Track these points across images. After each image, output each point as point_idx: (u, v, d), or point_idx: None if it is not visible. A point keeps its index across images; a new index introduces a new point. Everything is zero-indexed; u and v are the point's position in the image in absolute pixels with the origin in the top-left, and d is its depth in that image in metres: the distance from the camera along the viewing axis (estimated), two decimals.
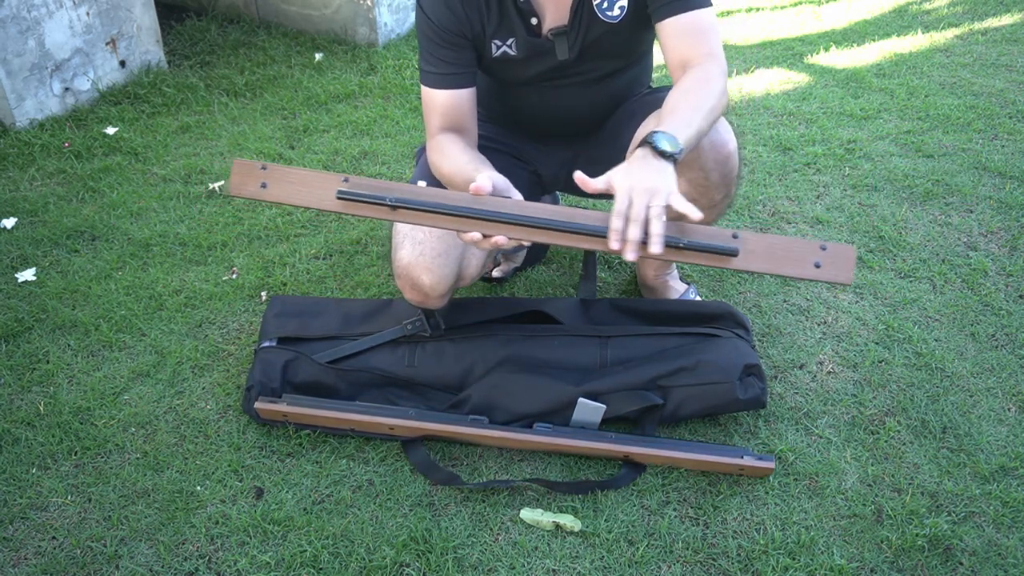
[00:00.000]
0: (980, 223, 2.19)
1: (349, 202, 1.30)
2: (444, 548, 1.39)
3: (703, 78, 1.38)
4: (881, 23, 3.53)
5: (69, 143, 2.62)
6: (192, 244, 2.16)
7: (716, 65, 1.40)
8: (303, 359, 1.64)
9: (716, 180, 1.53)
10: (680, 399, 1.57)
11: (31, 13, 2.61)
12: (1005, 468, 1.53)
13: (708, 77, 1.38)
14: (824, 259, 1.29)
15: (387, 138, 2.67)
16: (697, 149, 1.48)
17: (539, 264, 2.09)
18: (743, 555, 1.38)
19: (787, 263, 1.29)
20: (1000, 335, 1.83)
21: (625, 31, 1.52)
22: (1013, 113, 2.72)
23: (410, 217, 1.31)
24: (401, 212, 1.30)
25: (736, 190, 1.61)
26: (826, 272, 1.29)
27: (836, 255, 1.29)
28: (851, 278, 1.29)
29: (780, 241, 1.30)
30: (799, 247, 1.29)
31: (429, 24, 1.49)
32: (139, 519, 1.45)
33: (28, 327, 1.89)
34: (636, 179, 1.22)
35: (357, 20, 3.31)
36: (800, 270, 1.29)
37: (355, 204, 1.30)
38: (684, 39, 1.42)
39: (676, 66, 1.44)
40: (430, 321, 1.65)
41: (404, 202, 1.28)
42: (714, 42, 1.42)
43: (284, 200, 1.31)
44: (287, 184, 1.32)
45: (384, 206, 1.29)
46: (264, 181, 1.31)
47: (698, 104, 1.34)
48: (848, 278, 1.29)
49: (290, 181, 1.32)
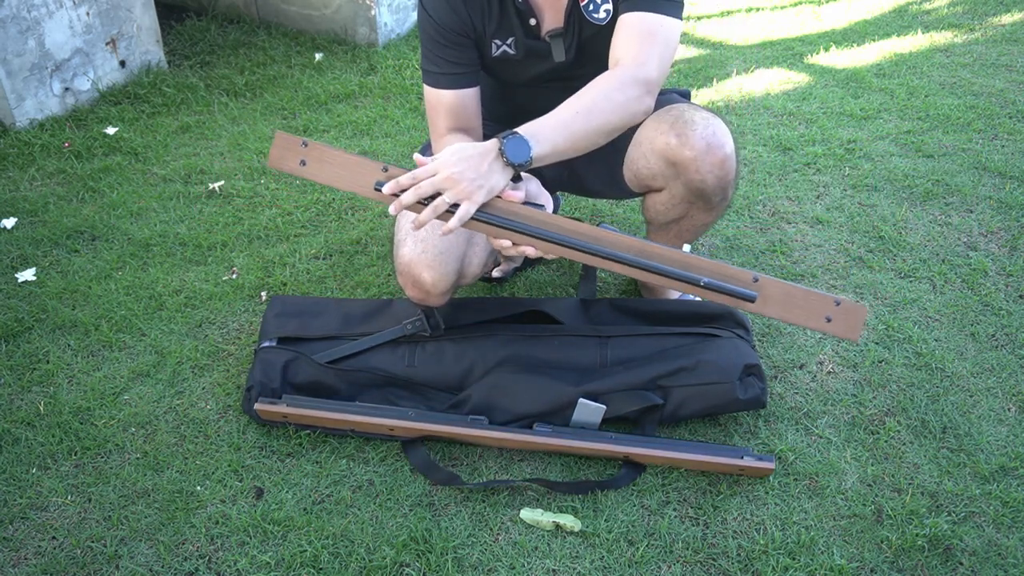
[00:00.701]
0: (980, 223, 2.19)
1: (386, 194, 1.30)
2: (444, 548, 1.39)
3: (608, 83, 1.32)
4: (881, 23, 3.54)
5: (69, 143, 2.62)
6: (192, 244, 2.16)
7: (637, 71, 1.33)
8: (303, 359, 1.64)
9: (712, 183, 1.52)
10: (680, 399, 1.57)
11: (31, 13, 2.61)
12: (1005, 468, 1.53)
13: (615, 82, 1.32)
14: (836, 315, 1.33)
15: (387, 138, 2.67)
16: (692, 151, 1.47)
17: (539, 264, 2.09)
18: (743, 555, 1.38)
19: (801, 314, 1.33)
20: (1000, 335, 1.83)
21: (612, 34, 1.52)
22: (1013, 113, 2.72)
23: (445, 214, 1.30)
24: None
25: (734, 192, 1.61)
26: (836, 327, 1.33)
27: (848, 312, 1.33)
28: (858, 337, 1.34)
29: (798, 292, 1.32)
30: (814, 300, 1.32)
31: (432, 24, 1.49)
32: (139, 519, 1.46)
33: (28, 327, 1.89)
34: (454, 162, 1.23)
35: (357, 20, 3.31)
36: (812, 322, 1.33)
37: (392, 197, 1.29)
38: (625, 37, 1.38)
39: (612, 62, 1.40)
40: (430, 321, 1.65)
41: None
42: (653, 49, 1.35)
43: (323, 181, 1.32)
44: (327, 165, 1.31)
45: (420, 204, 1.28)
46: (304, 159, 1.31)
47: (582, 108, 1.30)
48: (855, 336, 1.33)
49: (330, 162, 1.31)
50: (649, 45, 1.36)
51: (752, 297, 1.30)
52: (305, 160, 1.31)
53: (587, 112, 1.30)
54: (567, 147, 1.31)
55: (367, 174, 1.30)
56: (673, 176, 1.54)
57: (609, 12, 1.48)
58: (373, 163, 1.31)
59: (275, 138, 1.32)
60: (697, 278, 1.29)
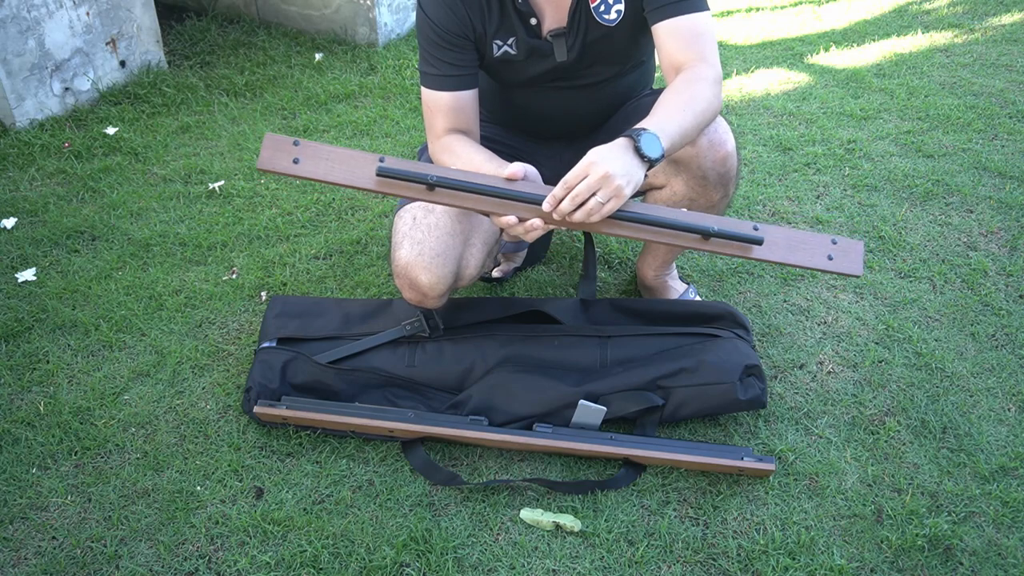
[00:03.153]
0: (980, 223, 2.19)
1: (388, 180, 1.27)
2: (444, 548, 1.39)
3: (693, 81, 1.38)
4: (881, 23, 3.53)
5: (69, 143, 2.62)
6: (192, 244, 2.16)
7: (708, 69, 1.40)
8: (302, 359, 1.64)
9: (714, 180, 1.53)
10: (680, 400, 1.57)
11: (31, 13, 2.61)
12: (1005, 468, 1.53)
13: (698, 79, 1.38)
14: (836, 252, 1.37)
15: (387, 138, 2.67)
16: (695, 148, 1.49)
17: (539, 264, 2.09)
18: (743, 555, 1.38)
19: (804, 255, 1.36)
20: (1000, 335, 1.83)
21: (623, 35, 1.53)
22: (1013, 113, 2.72)
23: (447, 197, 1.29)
24: (439, 192, 1.29)
25: (735, 190, 1.61)
26: (838, 264, 1.37)
27: (846, 249, 1.37)
28: (861, 270, 1.37)
29: (796, 234, 1.36)
30: (813, 241, 1.37)
31: (431, 26, 1.49)
32: (139, 519, 1.45)
33: (28, 327, 1.89)
34: (603, 160, 1.25)
35: (357, 20, 3.31)
36: (815, 261, 1.36)
37: (394, 183, 1.27)
38: (677, 43, 1.42)
39: (669, 70, 1.45)
40: (429, 322, 1.65)
41: (445, 181, 1.26)
42: (707, 47, 1.42)
43: (318, 177, 1.27)
44: (321, 160, 1.27)
45: (423, 184, 1.26)
46: (296, 156, 1.27)
47: (685, 105, 1.35)
48: (859, 270, 1.37)
49: (324, 158, 1.28)
50: (701, 44, 1.42)
51: (760, 240, 1.32)
52: (298, 158, 1.28)
53: (691, 109, 1.35)
54: (680, 143, 1.34)
55: (364, 165, 1.28)
56: (674, 172, 1.55)
57: (620, 13, 1.49)
58: (369, 155, 1.29)
59: (264, 140, 1.29)
60: (708, 226, 1.31)
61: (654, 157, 1.27)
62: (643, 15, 1.48)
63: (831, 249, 1.38)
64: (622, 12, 1.49)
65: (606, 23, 1.50)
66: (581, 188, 1.26)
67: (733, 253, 1.35)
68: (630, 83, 1.67)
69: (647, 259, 1.85)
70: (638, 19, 1.50)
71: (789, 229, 1.37)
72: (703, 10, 1.43)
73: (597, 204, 1.26)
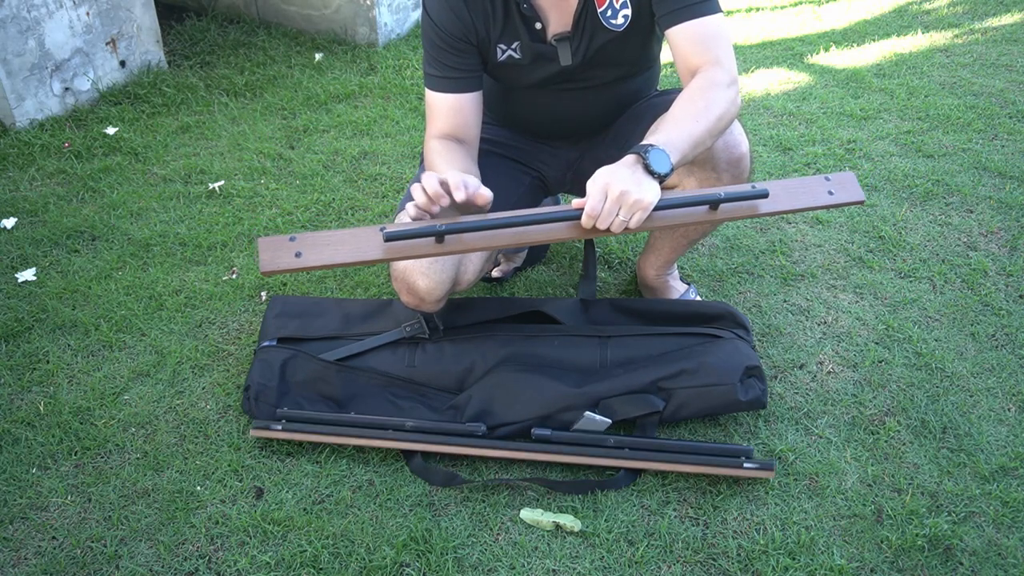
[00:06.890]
0: (980, 223, 2.19)
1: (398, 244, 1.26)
2: (444, 548, 1.39)
3: (707, 87, 1.37)
4: (881, 23, 3.53)
5: (69, 143, 2.62)
6: (192, 244, 2.16)
7: (723, 73, 1.39)
8: (302, 357, 1.64)
9: (727, 181, 1.53)
10: (681, 400, 1.56)
11: (31, 13, 2.61)
12: (1005, 468, 1.53)
13: (712, 85, 1.37)
14: (834, 188, 1.42)
15: (387, 138, 2.67)
16: (710, 150, 1.48)
17: (539, 264, 2.09)
18: (743, 555, 1.38)
19: (806, 198, 1.40)
20: (1000, 335, 1.83)
21: (630, 40, 1.52)
22: (1013, 113, 2.72)
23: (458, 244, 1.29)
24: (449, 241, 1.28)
25: None
26: (840, 196, 1.41)
27: (841, 182, 1.43)
28: (863, 195, 1.42)
29: (791, 182, 1.40)
30: (809, 183, 1.41)
31: (435, 29, 1.49)
32: (139, 519, 1.46)
33: (28, 327, 1.89)
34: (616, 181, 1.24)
35: (357, 20, 3.31)
36: (819, 200, 1.40)
37: (404, 245, 1.27)
38: (691, 47, 1.42)
39: (684, 73, 1.44)
40: (428, 324, 1.65)
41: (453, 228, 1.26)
42: (722, 49, 1.42)
43: (326, 263, 1.25)
44: (323, 248, 1.26)
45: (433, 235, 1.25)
46: (297, 251, 1.25)
47: (698, 113, 1.34)
48: (861, 195, 1.42)
49: (325, 243, 1.26)
50: (715, 46, 1.42)
51: (765, 193, 1.35)
52: (300, 251, 1.25)
53: (705, 117, 1.34)
54: (691, 154, 1.34)
55: (367, 238, 1.27)
56: (687, 173, 1.55)
57: (627, 18, 1.49)
58: (368, 228, 1.28)
59: (258, 244, 1.26)
60: (716, 192, 1.33)
61: (663, 172, 1.27)
62: (652, 20, 1.48)
63: (828, 186, 1.41)
64: (629, 17, 1.48)
65: (613, 28, 1.50)
66: (609, 207, 1.25)
67: (743, 215, 1.37)
68: (637, 85, 1.67)
69: (649, 258, 1.85)
70: (646, 24, 1.50)
71: (782, 180, 1.40)
72: (716, 12, 1.43)
73: (621, 224, 1.26)
